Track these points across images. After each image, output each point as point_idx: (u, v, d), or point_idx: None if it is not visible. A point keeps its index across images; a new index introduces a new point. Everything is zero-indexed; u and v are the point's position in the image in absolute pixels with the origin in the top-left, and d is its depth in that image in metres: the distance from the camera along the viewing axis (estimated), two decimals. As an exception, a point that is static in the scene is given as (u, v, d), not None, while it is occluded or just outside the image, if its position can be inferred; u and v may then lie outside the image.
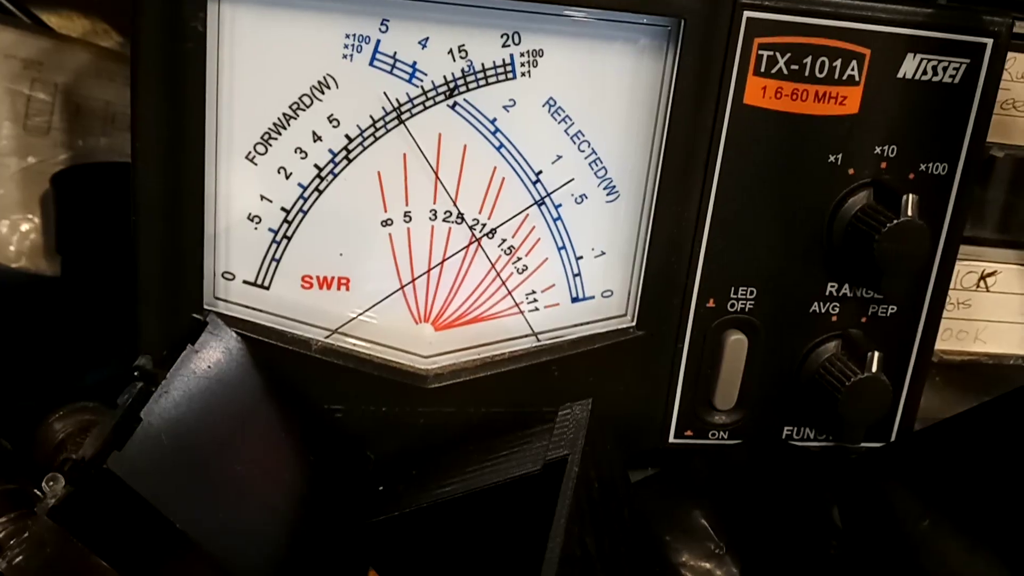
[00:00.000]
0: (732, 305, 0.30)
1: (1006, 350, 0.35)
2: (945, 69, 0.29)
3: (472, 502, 0.24)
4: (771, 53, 0.27)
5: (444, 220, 0.29)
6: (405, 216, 0.28)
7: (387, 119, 0.27)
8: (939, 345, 0.34)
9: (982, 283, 0.34)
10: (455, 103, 0.27)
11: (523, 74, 0.27)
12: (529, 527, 0.22)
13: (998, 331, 0.35)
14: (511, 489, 0.24)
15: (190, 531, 0.20)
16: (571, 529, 0.19)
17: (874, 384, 0.29)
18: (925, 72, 0.29)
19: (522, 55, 0.27)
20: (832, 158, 0.29)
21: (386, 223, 0.28)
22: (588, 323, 0.30)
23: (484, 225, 0.29)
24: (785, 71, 0.28)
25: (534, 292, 0.30)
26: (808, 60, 0.28)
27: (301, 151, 0.27)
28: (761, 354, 0.30)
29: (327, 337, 0.29)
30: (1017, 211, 0.33)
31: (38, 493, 0.25)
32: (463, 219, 0.28)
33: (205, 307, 0.27)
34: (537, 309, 0.30)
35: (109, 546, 0.20)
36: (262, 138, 0.27)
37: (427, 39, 0.27)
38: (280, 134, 0.27)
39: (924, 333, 0.31)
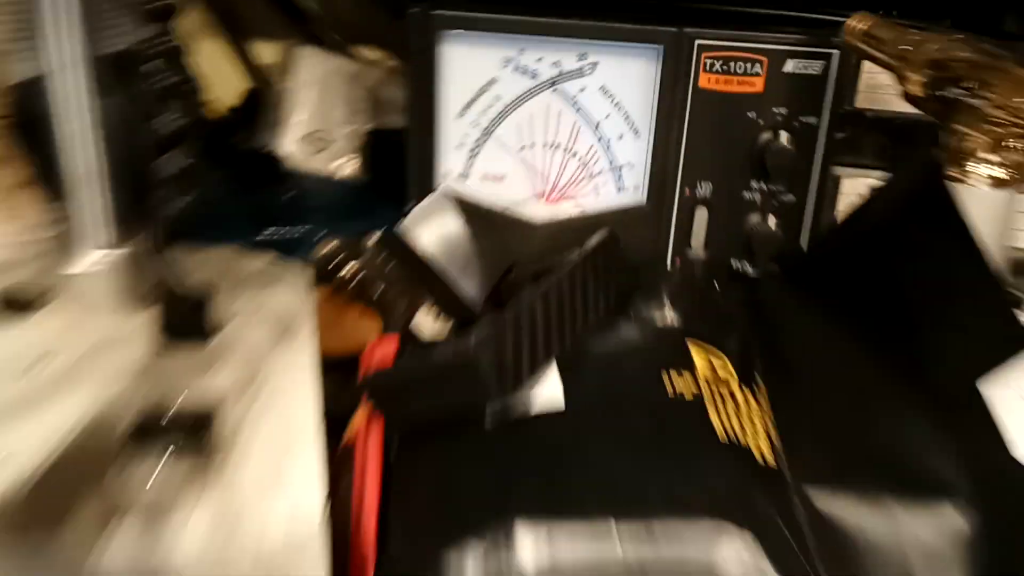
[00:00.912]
0: (699, 192, 0.56)
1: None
2: (812, 67, 0.54)
3: (548, 291, 0.52)
4: (712, 60, 0.54)
5: (551, 148, 0.57)
6: (531, 145, 0.57)
7: (522, 98, 0.56)
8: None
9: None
10: (555, 89, 0.56)
11: (588, 73, 0.55)
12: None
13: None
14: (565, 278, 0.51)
15: (442, 274, 0.49)
16: (575, 270, 0.47)
17: (771, 234, 0.55)
18: (800, 68, 0.54)
19: (588, 64, 0.55)
20: (750, 115, 0.55)
21: (522, 149, 0.57)
22: (625, 202, 0.58)
23: (570, 149, 0.57)
24: (720, 69, 0.54)
25: (597, 186, 0.58)
26: (732, 63, 0.54)
27: (482, 113, 0.56)
28: (716, 220, 0.56)
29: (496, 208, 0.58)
30: (879, 145, 0.57)
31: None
32: (560, 146, 0.57)
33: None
34: (598, 195, 0.58)
35: (424, 271, 0.50)
36: (463, 108, 0.56)
37: (541, 57, 0.55)
38: (471, 106, 0.56)
39: (811, 211, 0.56)
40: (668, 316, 0.50)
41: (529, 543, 0.36)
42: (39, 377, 0.37)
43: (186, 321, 0.39)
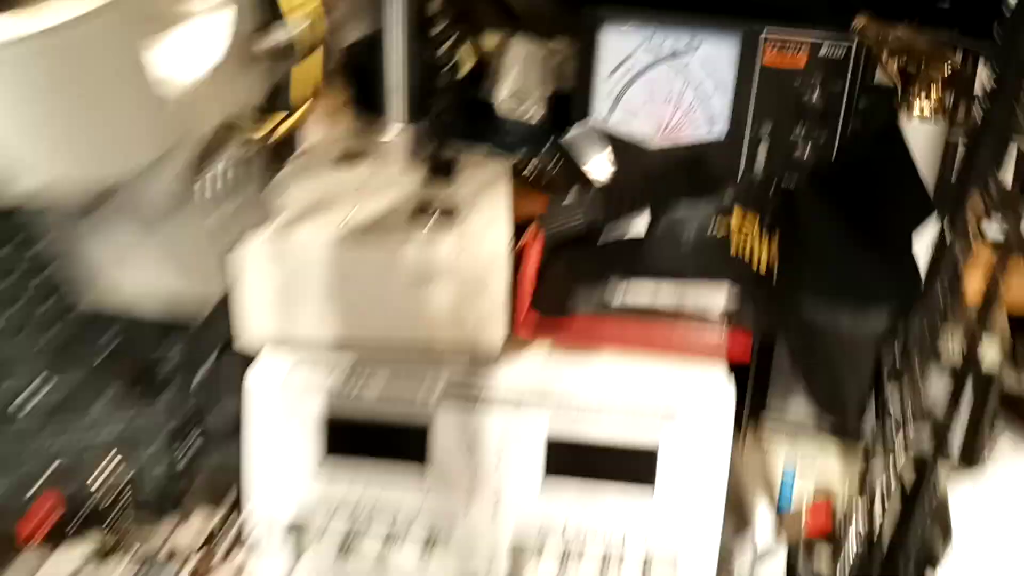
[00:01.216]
0: (762, 132, 0.85)
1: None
2: (838, 51, 0.82)
3: (648, 172, 0.82)
4: (771, 45, 0.83)
5: (665, 101, 0.88)
6: (653, 99, 0.88)
7: (648, 67, 0.87)
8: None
9: (887, 139, 0.86)
10: (670, 62, 0.87)
11: (692, 52, 0.86)
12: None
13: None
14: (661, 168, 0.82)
15: (587, 173, 0.81)
16: (671, 163, 0.77)
17: (808, 162, 0.83)
18: (830, 53, 0.82)
19: (694, 45, 0.86)
20: (798, 80, 0.84)
21: (646, 101, 0.88)
22: (714, 137, 0.88)
23: (678, 103, 0.87)
24: (776, 50, 0.83)
25: (695, 128, 0.88)
26: (785, 47, 0.83)
27: (622, 75, 0.88)
28: (776, 150, 0.86)
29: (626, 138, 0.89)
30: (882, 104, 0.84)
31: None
32: (671, 100, 0.87)
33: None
34: (696, 134, 0.88)
35: (578, 171, 0.81)
36: (609, 72, 0.88)
37: (663, 40, 0.86)
38: (617, 69, 0.88)
39: (837, 139, 0.84)
40: (729, 199, 0.80)
41: (618, 290, 0.68)
42: (364, 189, 0.72)
43: (443, 169, 0.73)
